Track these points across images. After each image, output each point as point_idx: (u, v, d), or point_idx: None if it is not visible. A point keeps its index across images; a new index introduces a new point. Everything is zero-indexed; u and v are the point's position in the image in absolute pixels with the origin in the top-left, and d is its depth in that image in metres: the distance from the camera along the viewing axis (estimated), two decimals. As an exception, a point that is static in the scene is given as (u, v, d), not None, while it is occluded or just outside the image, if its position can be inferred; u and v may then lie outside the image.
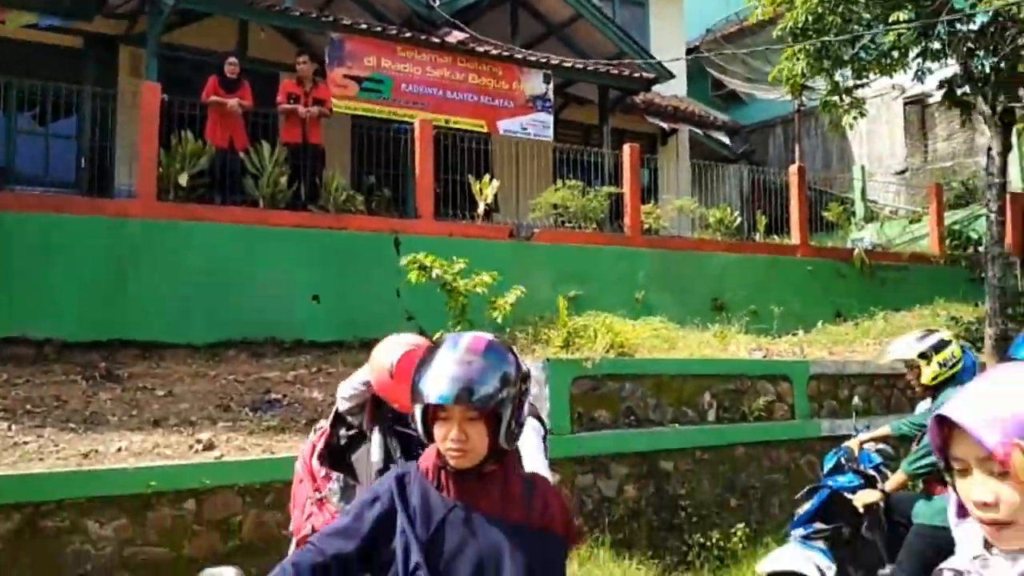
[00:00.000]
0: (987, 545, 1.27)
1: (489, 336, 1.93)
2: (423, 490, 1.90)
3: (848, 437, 6.09)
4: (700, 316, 9.97)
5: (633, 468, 6.79)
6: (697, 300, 10.81)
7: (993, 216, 10.39)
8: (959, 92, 11.42)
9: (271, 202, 8.91)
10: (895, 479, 4.52)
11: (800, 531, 4.97)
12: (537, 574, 1.83)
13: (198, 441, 5.85)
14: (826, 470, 5.22)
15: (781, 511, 7.57)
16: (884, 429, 5.00)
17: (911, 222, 14.52)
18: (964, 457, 1.25)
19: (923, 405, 5.17)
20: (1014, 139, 10.89)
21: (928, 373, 4.08)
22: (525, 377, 1.91)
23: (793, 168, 12.92)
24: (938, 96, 12.49)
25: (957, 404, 1.26)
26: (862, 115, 11.21)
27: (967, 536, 1.32)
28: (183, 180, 8.47)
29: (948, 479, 1.33)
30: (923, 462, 4.10)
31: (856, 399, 6.26)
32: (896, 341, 4.25)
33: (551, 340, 7.33)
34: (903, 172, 16.83)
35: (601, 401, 6.81)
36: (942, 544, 3.61)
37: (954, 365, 4.17)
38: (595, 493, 6.62)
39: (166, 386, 7.08)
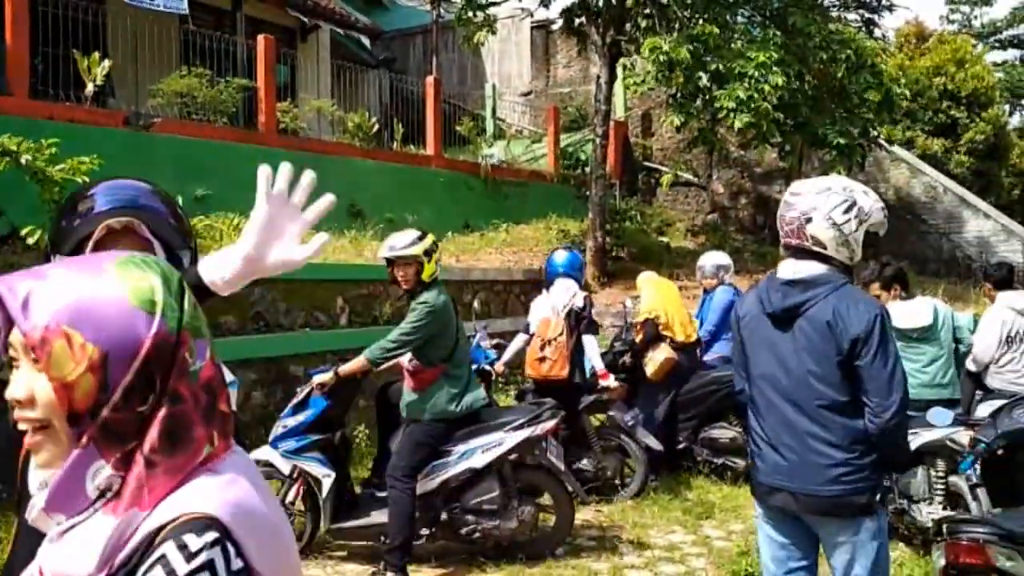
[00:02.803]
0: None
1: None
2: None
3: (470, 338, 7.09)
4: (337, 222, 9.88)
5: (261, 374, 6.61)
6: (334, 205, 10.65)
7: (598, 140, 11.60)
8: (576, 22, 12.44)
9: None
10: (352, 364, 4.53)
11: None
12: None
13: None
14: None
15: (407, 409, 7.96)
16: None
17: (533, 142, 15.72)
18: (13, 343, 0.93)
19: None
20: (620, 71, 12.15)
21: (428, 270, 4.33)
22: None
23: (430, 79, 13.19)
24: (560, 24, 13.47)
25: None
26: (492, 33, 11.72)
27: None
28: None
29: None
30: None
31: (476, 303, 6.95)
32: (399, 236, 4.41)
33: (173, 241, 6.74)
34: (528, 94, 18.08)
35: (227, 305, 6.48)
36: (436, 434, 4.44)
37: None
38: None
39: None
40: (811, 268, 2.58)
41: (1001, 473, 3.87)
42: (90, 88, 8.58)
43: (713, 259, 6.91)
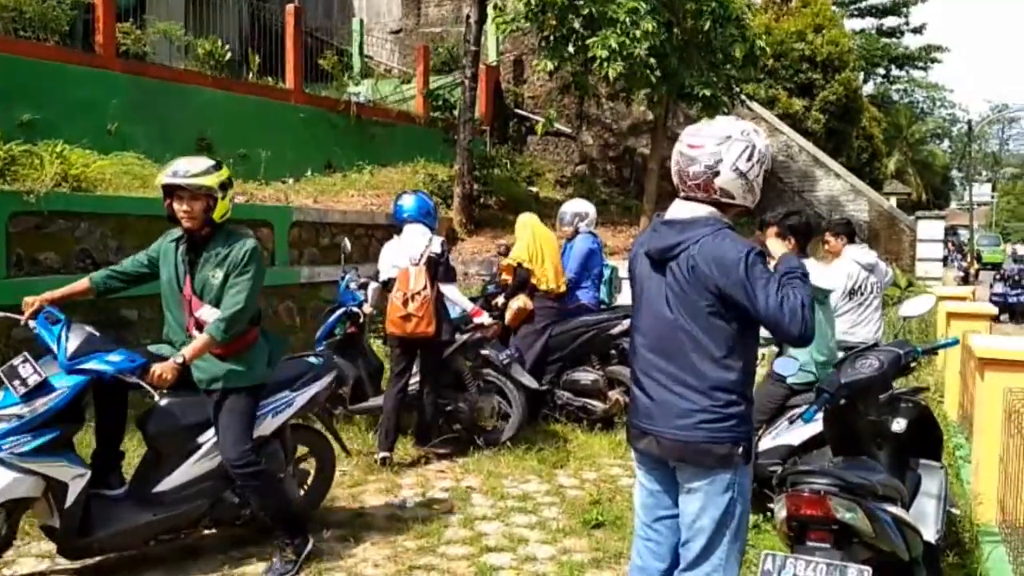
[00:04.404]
0: None
1: None
2: None
3: (332, 283, 7.27)
4: (184, 154, 9.17)
5: (89, 317, 6.02)
6: (181, 138, 9.92)
7: (467, 83, 11.27)
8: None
9: None
10: (197, 344, 3.56)
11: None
12: None
13: None
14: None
15: (257, 357, 7.53)
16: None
17: (403, 82, 15.18)
18: None
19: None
20: (490, 10, 11.80)
21: (221, 208, 3.56)
22: None
23: (290, 7, 12.40)
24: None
25: None
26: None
27: None
28: None
29: None
30: None
31: (346, 242, 6.79)
32: (188, 160, 3.55)
33: (-21, 168, 6.01)
34: (398, 32, 17.43)
35: (48, 241, 5.85)
36: None
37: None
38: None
39: None
40: (693, 210, 2.51)
41: (842, 423, 3.93)
42: None
43: (570, 207, 6.85)
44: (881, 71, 34.60)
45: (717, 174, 2.45)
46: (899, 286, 11.48)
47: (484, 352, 5.82)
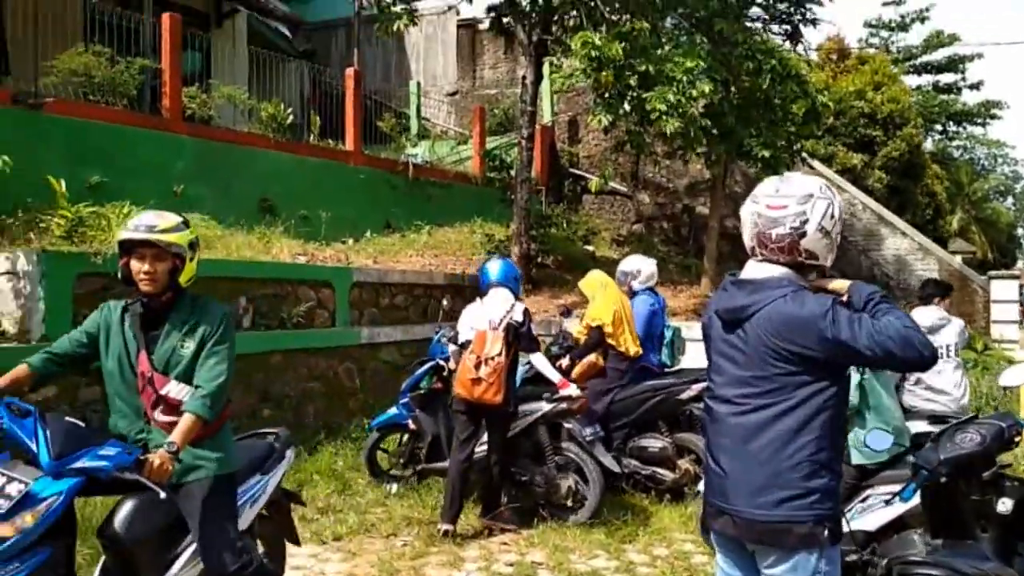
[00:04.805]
0: None
1: None
2: None
3: (392, 344, 8.00)
4: (246, 217, 9.28)
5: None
6: (244, 199, 10.06)
7: (524, 143, 11.26)
8: (504, 21, 12.11)
9: None
10: (185, 428, 3.02)
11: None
12: None
13: None
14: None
15: (316, 419, 7.44)
16: None
17: (459, 143, 15.30)
18: None
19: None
20: (546, 71, 11.86)
21: (188, 271, 3.13)
22: None
23: (350, 71, 12.64)
24: (487, 22, 13.11)
25: None
26: (413, 23, 11.27)
27: None
28: None
29: None
30: None
31: (445, 301, 7.06)
32: (154, 215, 3.11)
33: (52, 229, 6.09)
34: (454, 94, 17.67)
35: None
36: None
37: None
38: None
39: None
40: (768, 270, 2.37)
41: (943, 503, 3.65)
42: (-29, 60, 7.79)
43: (622, 265, 6.73)
44: (939, 128, 34.04)
45: (804, 235, 2.31)
46: (975, 349, 10.98)
47: (567, 426, 5.64)
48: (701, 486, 2.70)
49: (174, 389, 3.05)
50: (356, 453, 6.73)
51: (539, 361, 5.43)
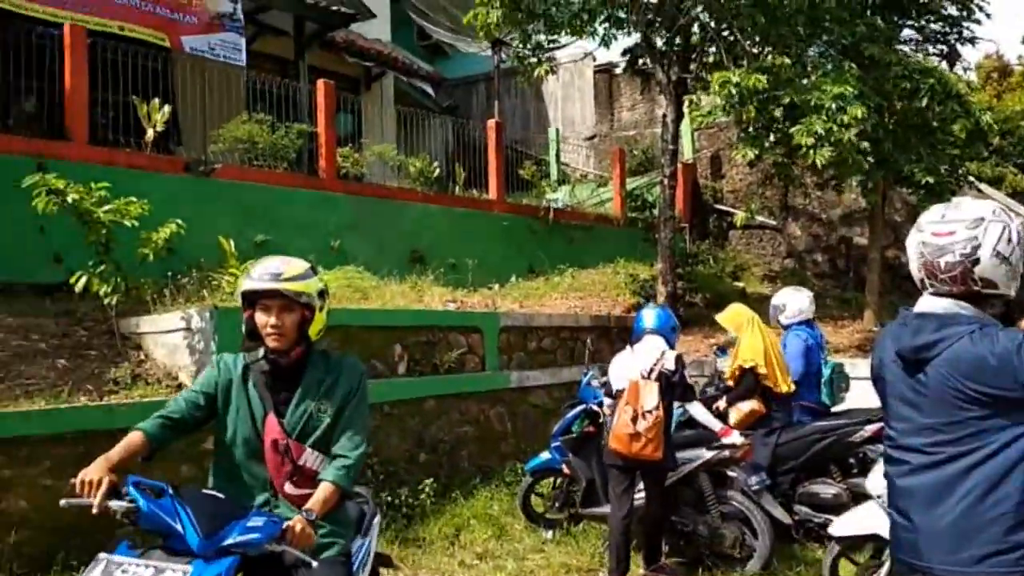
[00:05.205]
0: None
1: None
2: None
3: (541, 387, 8.11)
4: (398, 267, 9.61)
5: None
6: (396, 251, 10.45)
7: (666, 181, 11.12)
8: (640, 62, 12.09)
9: None
10: (322, 497, 2.82)
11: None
12: None
13: None
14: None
15: (470, 464, 7.49)
16: None
17: (599, 186, 15.34)
18: None
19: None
20: (685, 109, 11.74)
21: (318, 323, 2.85)
22: None
23: (491, 122, 12.96)
24: (623, 65, 13.16)
25: None
26: (552, 72, 11.44)
27: None
28: None
29: None
30: None
31: (589, 341, 7.27)
32: (280, 261, 2.83)
33: (223, 286, 6.49)
34: (593, 138, 17.77)
35: (280, 353, 6.16)
36: None
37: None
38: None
39: None
40: (943, 304, 2.18)
41: None
42: (150, 134, 8.53)
43: (773, 299, 6.46)
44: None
45: (976, 261, 2.11)
46: None
47: (731, 474, 5.41)
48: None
49: (311, 459, 2.77)
50: (511, 497, 6.72)
51: (697, 411, 5.22)
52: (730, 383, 5.91)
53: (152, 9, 9.82)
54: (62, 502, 2.44)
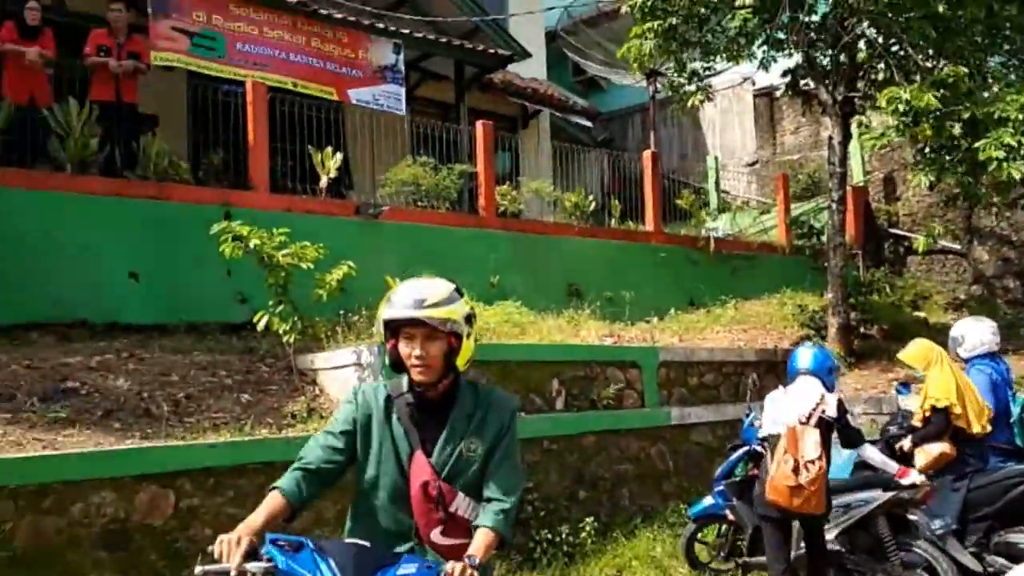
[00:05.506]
0: None
1: None
2: None
3: (703, 425, 7.84)
4: (556, 301, 9.68)
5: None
6: (553, 285, 10.53)
7: (835, 206, 10.60)
8: (802, 83, 11.64)
9: (80, 167, 7.89)
10: (482, 544, 2.56)
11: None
12: None
13: (-41, 438, 4.94)
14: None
15: (631, 503, 7.36)
16: None
17: (761, 213, 14.84)
18: None
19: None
20: (853, 129, 11.18)
21: (467, 351, 2.56)
22: None
23: (647, 153, 12.86)
24: (784, 87, 12.72)
25: None
26: (709, 99, 11.22)
27: None
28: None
29: None
30: None
31: (752, 378, 7.05)
32: (423, 284, 2.52)
33: (390, 323, 6.75)
34: (754, 164, 17.25)
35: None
36: None
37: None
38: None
39: (-64, 374, 6.05)
40: None
41: None
42: (324, 181, 9.09)
43: (952, 330, 5.96)
44: None
45: None
46: None
47: (912, 518, 5.03)
48: None
49: (463, 505, 2.51)
50: (673, 539, 6.53)
51: (870, 453, 4.89)
52: (916, 423, 5.49)
53: (323, 65, 10.49)
54: (197, 570, 2.25)
